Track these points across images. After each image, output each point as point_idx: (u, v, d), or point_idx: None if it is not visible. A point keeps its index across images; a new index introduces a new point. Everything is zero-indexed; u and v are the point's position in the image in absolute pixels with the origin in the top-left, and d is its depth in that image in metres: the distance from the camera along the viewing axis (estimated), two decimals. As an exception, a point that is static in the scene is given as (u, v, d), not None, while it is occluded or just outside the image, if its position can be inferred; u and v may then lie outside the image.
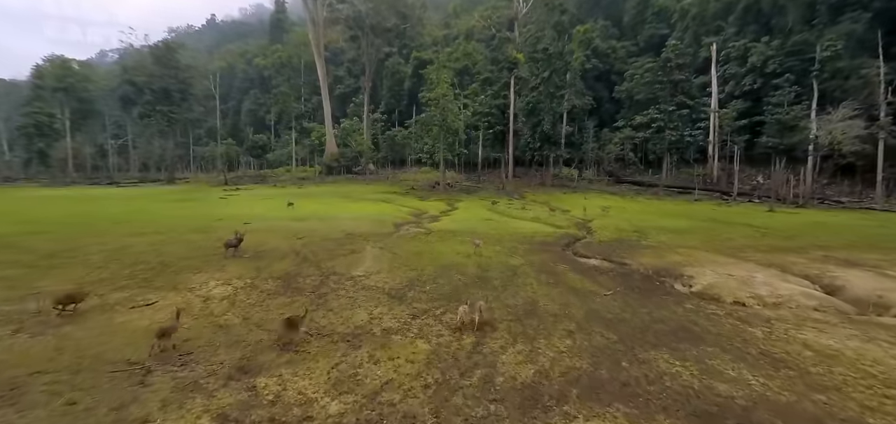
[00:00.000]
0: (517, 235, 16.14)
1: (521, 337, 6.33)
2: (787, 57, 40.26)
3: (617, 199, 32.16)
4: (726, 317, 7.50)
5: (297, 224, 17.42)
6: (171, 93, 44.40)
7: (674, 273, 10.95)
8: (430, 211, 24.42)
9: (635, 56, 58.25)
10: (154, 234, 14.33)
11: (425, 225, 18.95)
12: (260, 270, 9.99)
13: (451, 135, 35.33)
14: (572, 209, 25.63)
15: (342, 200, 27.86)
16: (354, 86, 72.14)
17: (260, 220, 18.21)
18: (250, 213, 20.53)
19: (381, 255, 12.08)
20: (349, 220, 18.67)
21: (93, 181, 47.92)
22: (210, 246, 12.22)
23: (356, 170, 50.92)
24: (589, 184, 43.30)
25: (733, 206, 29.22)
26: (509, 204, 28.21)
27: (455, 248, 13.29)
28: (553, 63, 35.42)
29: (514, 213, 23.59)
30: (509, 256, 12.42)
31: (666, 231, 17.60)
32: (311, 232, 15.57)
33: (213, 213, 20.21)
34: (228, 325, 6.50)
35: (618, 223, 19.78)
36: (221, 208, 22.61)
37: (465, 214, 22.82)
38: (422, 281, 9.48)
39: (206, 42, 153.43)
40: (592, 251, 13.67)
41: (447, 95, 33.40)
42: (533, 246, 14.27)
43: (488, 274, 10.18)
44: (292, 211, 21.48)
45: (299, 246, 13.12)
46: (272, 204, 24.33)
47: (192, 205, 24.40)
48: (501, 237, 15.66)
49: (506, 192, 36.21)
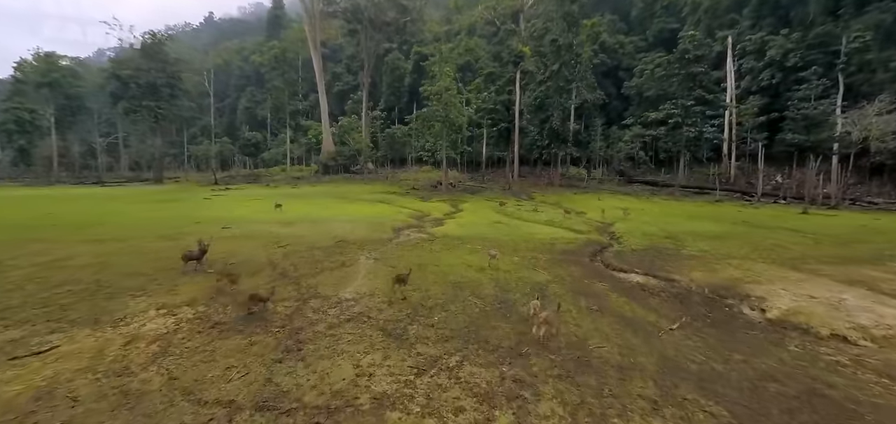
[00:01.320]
0: (534, 242, 14.02)
1: (581, 412, 4.21)
2: (808, 50, 38.16)
3: (632, 200, 30.04)
4: (858, 368, 5.38)
5: (283, 229, 15.30)
6: (159, 87, 42.14)
7: (737, 292, 8.84)
8: (432, 213, 22.30)
9: (644, 51, 56.23)
10: (112, 242, 12.21)
11: (428, 229, 16.83)
12: (222, 292, 7.87)
13: (454, 132, 33.21)
14: (588, 211, 23.51)
15: (337, 201, 25.75)
16: (353, 84, 70.02)
17: (241, 224, 16.08)
18: (232, 216, 18.42)
19: (376, 269, 9.96)
20: (343, 224, 16.54)
21: (79, 180, 45.81)
22: (172, 258, 10.10)
23: (354, 169, 48.81)
24: (599, 184, 41.19)
25: (759, 208, 27.10)
26: (518, 205, 26.09)
27: (465, 259, 11.17)
28: (562, 55, 33.26)
29: (525, 216, 21.46)
30: (532, 270, 10.30)
31: (701, 236, 15.49)
32: (297, 238, 13.44)
33: (191, 216, 18.09)
34: (142, 392, 4.37)
35: (643, 227, 17.65)
36: (202, 210, 20.49)
37: (472, 217, 20.70)
38: (427, 306, 7.37)
39: (203, 40, 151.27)
40: (627, 262, 11.54)
41: (450, 89, 31.27)
42: (556, 255, 12.15)
43: (511, 297, 8.06)
44: (280, 213, 19.36)
45: (280, 256, 11.00)
46: (259, 205, 22.22)
47: (173, 206, 22.28)
48: (516, 244, 13.53)
49: (512, 192, 34.08)
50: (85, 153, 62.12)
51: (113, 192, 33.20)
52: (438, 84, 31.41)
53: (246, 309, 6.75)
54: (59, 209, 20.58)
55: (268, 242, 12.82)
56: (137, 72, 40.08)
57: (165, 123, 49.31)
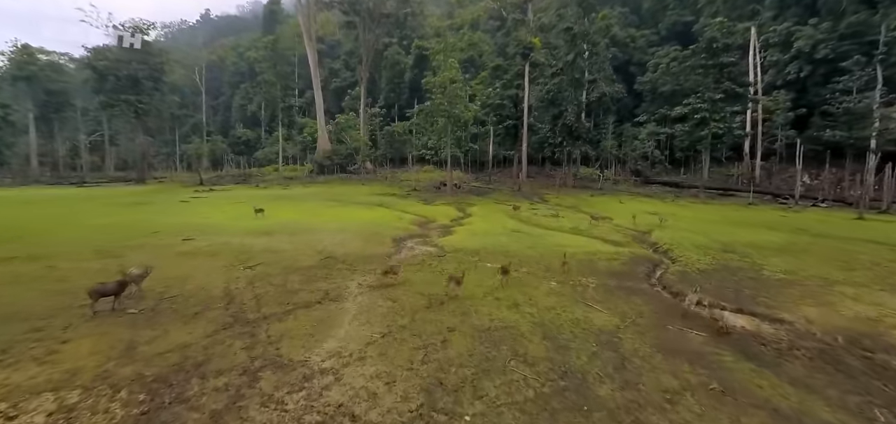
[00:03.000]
0: (570, 259, 11.25)
1: None
2: (840, 41, 35.41)
3: (657, 203, 27.29)
4: None
5: (260, 240, 12.52)
6: (141, 80, 39.15)
7: (890, 344, 6.07)
8: (437, 218, 19.51)
9: (656, 45, 53.60)
10: (22, 261, 9.44)
11: (435, 241, 14.05)
12: (129, 352, 5.10)
13: (459, 129, 30.40)
14: (613, 215, 20.72)
15: (330, 205, 22.96)
16: (351, 80, 67.21)
17: (210, 234, 13.29)
18: (204, 223, 15.62)
19: (371, 306, 7.20)
20: (332, 235, 13.76)
21: (58, 181, 42.92)
22: (89, 287, 7.30)
23: (351, 168, 45.98)
24: (613, 185, 38.42)
25: (800, 212, 24.34)
26: (533, 209, 23.31)
27: (488, 286, 8.40)
28: (577, 45, 30.45)
29: (544, 222, 18.68)
30: (583, 305, 7.54)
31: (766, 249, 12.76)
32: (274, 255, 10.67)
33: (153, 223, 15.28)
34: None
35: (689, 237, 14.87)
36: (171, 216, 17.69)
37: (484, 224, 17.90)
38: (449, 385, 4.60)
39: (200, 38, 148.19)
40: (701, 288, 8.76)
41: (456, 81, 28.46)
42: (604, 279, 9.38)
43: (573, 360, 5.29)
44: (260, 220, 16.55)
45: (242, 284, 8.23)
46: (241, 210, 19.41)
47: (140, 211, 19.47)
48: (548, 262, 10.77)
49: (522, 195, 31.30)
50: (70, 152, 59.22)
51: (85, 194, 30.32)
52: (443, 74, 28.60)
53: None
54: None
55: (234, 260, 10.05)
56: (117, 63, 37.05)
57: (149, 119, 46.30)
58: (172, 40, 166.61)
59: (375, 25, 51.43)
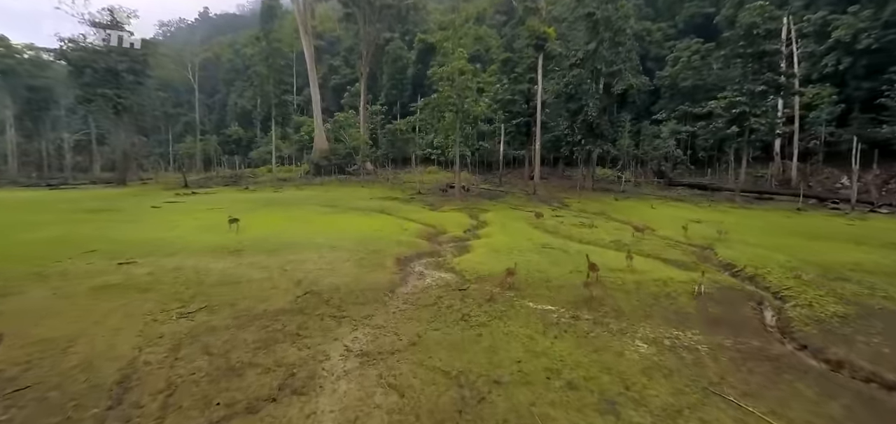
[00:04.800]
0: (629, 289, 8.22)
1: None
2: (885, 29, 32.32)
3: (695, 209, 24.25)
4: None
5: (221, 263, 9.54)
6: (121, 73, 36.15)
7: None
8: (448, 228, 16.48)
9: (673, 39, 50.72)
10: None
11: (450, 261, 11.04)
12: None
13: (468, 124, 27.35)
14: (656, 225, 17.61)
15: (323, 212, 19.97)
16: (351, 77, 64.39)
17: (160, 254, 10.32)
18: (162, 237, 12.62)
19: (361, 407, 4.17)
20: (321, 253, 10.78)
21: (37, 182, 40.07)
22: None
23: (350, 169, 43.00)
24: (635, 188, 35.36)
25: (866, 219, 21.24)
26: (557, 216, 20.26)
27: (542, 350, 5.37)
28: (600, 32, 27.38)
29: (576, 233, 15.63)
30: (715, 396, 4.49)
31: (882, 274, 9.73)
32: (232, 289, 7.68)
33: (100, 237, 12.31)
34: None
35: (765, 255, 11.81)
36: (129, 227, 14.72)
37: (505, 236, 14.86)
38: None
39: (199, 37, 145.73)
40: (863, 354, 5.70)
41: (465, 72, 25.43)
42: (701, 329, 6.35)
43: None
44: (233, 233, 13.54)
45: (160, 352, 5.23)
46: (216, 218, 16.38)
47: (95, 220, 16.48)
48: (610, 297, 7.73)
49: (539, 198, 28.26)
50: (56, 152, 56.42)
51: (53, 197, 27.31)
52: (452, 64, 25.57)
53: None
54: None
55: (171, 300, 7.04)
56: (94, 55, 34.09)
57: (137, 117, 43.28)
58: (171, 39, 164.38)
59: (376, 17, 48.47)
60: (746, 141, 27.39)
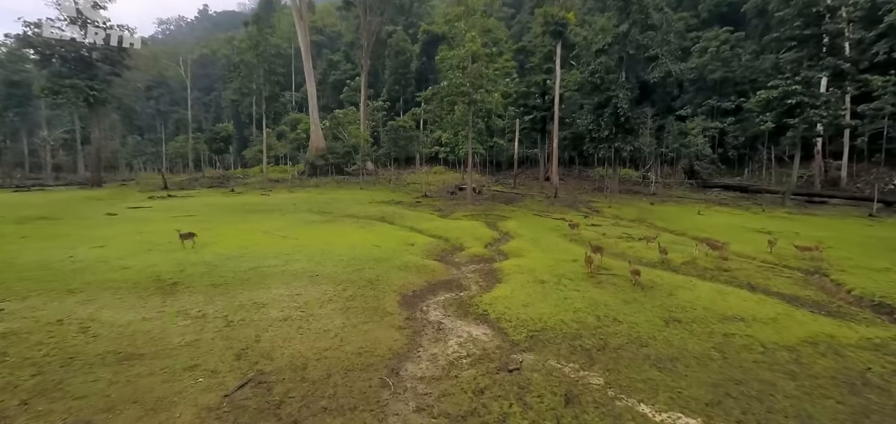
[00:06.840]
0: (756, 356, 4.85)
1: None
2: (946, 11, 28.82)
3: (749, 216, 20.85)
4: None
5: (134, 312, 6.25)
6: (94, 64, 32.74)
7: None
8: (465, 243, 13.13)
9: (695, 30, 47.23)
10: None
11: (478, 300, 7.66)
12: None
13: (481, 118, 23.99)
14: (722, 238, 14.11)
15: (311, 221, 16.67)
16: (352, 72, 61.19)
17: (54, 292, 7.06)
18: (83, 260, 9.36)
19: None
20: (293, 289, 7.51)
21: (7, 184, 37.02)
22: None
23: (350, 169, 39.72)
24: (664, 189, 31.90)
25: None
26: (594, 226, 16.87)
27: None
28: (632, 12, 23.91)
29: (629, 251, 12.27)
30: None
31: None
32: (123, 369, 4.35)
33: None
34: None
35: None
36: (50, 244, 11.49)
37: (543, 256, 11.49)
38: None
39: (198, 35, 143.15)
40: None
41: (480, 58, 22.11)
42: None
43: None
44: (186, 252, 10.24)
45: None
46: (170, 229, 13.00)
47: (19, 233, 13.23)
48: (743, 364, 4.35)
49: (562, 202, 24.88)
50: (41, 151, 53.48)
51: (3, 200, 24.11)
52: (465, 47, 22.27)
53: None
54: None
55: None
56: (64, 42, 30.71)
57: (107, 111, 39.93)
58: (170, 37, 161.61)
59: (378, 6, 45.22)
60: (799, 136, 23.82)
